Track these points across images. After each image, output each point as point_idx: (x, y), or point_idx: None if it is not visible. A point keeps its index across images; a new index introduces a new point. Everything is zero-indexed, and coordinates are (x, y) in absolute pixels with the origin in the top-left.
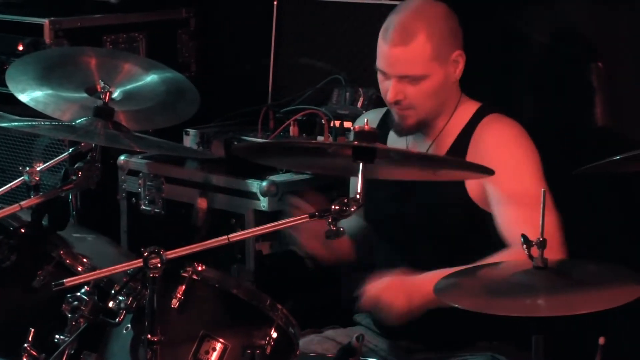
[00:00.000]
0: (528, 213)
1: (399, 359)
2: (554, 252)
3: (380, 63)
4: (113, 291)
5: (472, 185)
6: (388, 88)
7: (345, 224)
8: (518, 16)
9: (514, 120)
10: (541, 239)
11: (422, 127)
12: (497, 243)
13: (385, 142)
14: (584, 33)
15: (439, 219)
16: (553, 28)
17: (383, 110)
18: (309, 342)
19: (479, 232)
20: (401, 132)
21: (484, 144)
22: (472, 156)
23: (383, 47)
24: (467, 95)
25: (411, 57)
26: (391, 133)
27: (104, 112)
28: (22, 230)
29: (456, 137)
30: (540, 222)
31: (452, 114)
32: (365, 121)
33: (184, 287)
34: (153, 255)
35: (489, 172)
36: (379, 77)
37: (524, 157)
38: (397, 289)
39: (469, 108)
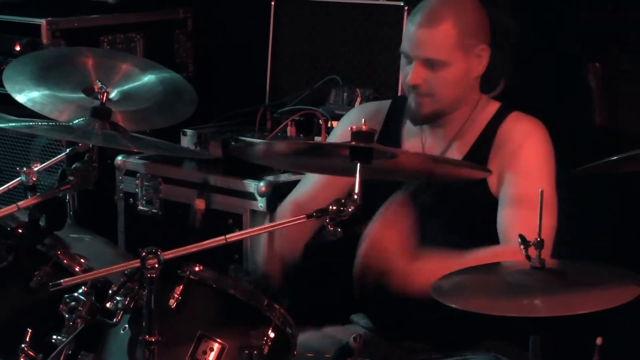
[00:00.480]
0: (534, 217)
1: (398, 359)
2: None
3: (405, 45)
4: (110, 291)
5: (492, 177)
6: (409, 72)
7: None
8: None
9: (538, 120)
10: (539, 239)
11: (437, 118)
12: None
13: (399, 134)
14: (583, 33)
15: (454, 210)
16: (552, 28)
17: (383, 102)
18: (308, 338)
19: (488, 231)
20: (416, 121)
21: (513, 139)
22: (497, 151)
23: (410, 28)
24: None
25: (436, 40)
26: (407, 125)
27: (102, 113)
28: (20, 231)
29: (479, 133)
30: (538, 222)
31: (473, 110)
32: (363, 121)
33: (181, 287)
34: (150, 256)
35: (487, 172)
36: (402, 61)
37: (546, 159)
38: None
39: (490, 106)
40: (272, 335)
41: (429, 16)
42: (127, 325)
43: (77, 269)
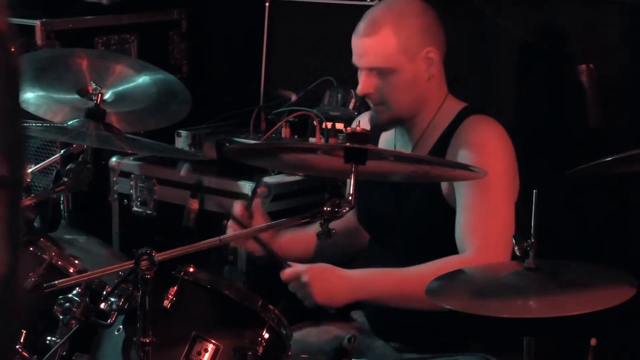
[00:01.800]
0: (486, 222)
1: (392, 358)
2: (499, 256)
3: (353, 57)
4: (105, 292)
5: (445, 185)
6: (360, 80)
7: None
8: (508, 17)
9: (496, 123)
10: (532, 240)
11: (398, 124)
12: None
13: (376, 142)
14: (575, 34)
15: (417, 220)
16: (544, 29)
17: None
18: (306, 334)
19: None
20: (379, 128)
21: (461, 146)
22: (449, 157)
23: (353, 39)
24: (456, 96)
25: (376, 49)
26: (382, 136)
27: (96, 114)
28: None
29: (438, 137)
30: (532, 223)
31: (436, 113)
32: (357, 122)
33: (175, 288)
34: (145, 257)
35: (481, 173)
36: (358, 73)
37: (498, 164)
38: (325, 276)
39: (453, 108)
40: (266, 335)
41: (368, 25)
42: (121, 326)
43: (71, 270)
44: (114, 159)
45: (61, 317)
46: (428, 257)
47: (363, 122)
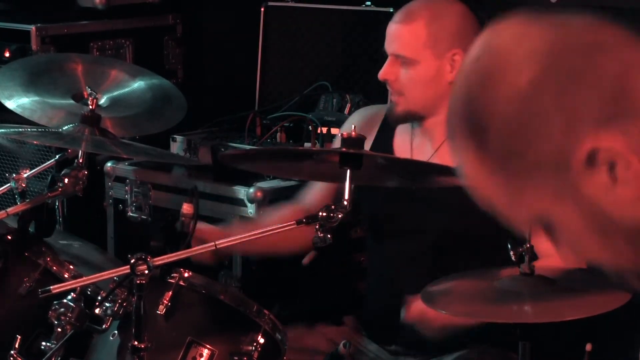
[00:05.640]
0: None
1: None
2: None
3: (385, 42)
4: (100, 298)
5: None
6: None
7: None
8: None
9: None
10: (528, 245)
11: (412, 119)
12: (498, 249)
13: (391, 140)
14: None
15: (442, 221)
16: None
17: (382, 106)
18: (299, 336)
19: (484, 237)
20: (392, 120)
21: None
22: None
23: (388, 25)
24: None
25: (405, 37)
26: (397, 133)
27: (91, 119)
28: (9, 237)
29: None
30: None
31: None
32: (353, 127)
33: (170, 293)
34: (140, 262)
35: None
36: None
37: None
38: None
39: None
40: (261, 340)
41: (404, 13)
42: (116, 332)
43: (66, 276)
44: (109, 164)
45: (56, 322)
46: (450, 262)
47: (358, 117)
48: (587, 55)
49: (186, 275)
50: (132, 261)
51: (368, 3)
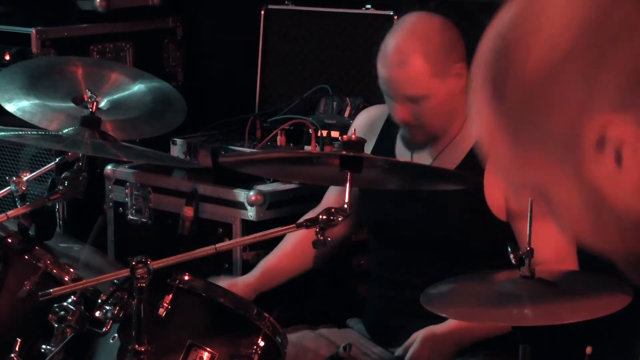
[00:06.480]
0: (547, 229)
1: None
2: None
3: (382, 85)
4: (100, 301)
5: (491, 192)
6: (393, 109)
7: None
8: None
9: None
10: (528, 248)
11: (434, 141)
12: (501, 252)
13: (393, 142)
14: None
15: (445, 225)
16: None
17: (385, 106)
18: (302, 338)
19: (487, 241)
20: (413, 148)
21: None
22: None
23: (382, 71)
24: None
25: (410, 79)
26: (399, 138)
27: (91, 122)
28: (9, 240)
29: (470, 149)
30: (529, 231)
31: (465, 121)
32: (353, 130)
33: (171, 296)
34: (140, 265)
35: (477, 182)
36: (385, 96)
37: None
38: (431, 345)
39: None
40: (261, 344)
41: (397, 56)
42: (116, 335)
43: (66, 279)
44: (109, 167)
45: (56, 325)
46: (451, 265)
47: (361, 119)
48: (621, 36)
49: (186, 278)
50: (132, 264)
51: (368, 6)
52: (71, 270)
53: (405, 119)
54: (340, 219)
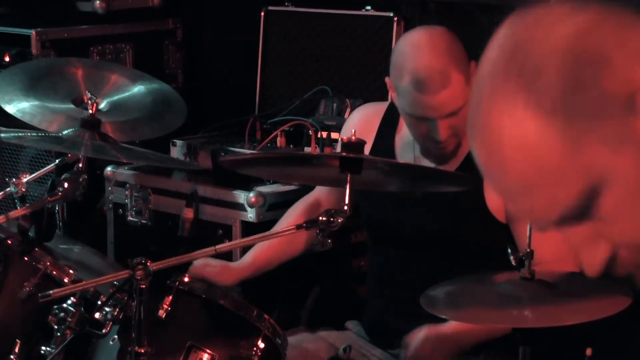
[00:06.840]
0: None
1: None
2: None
3: (416, 111)
4: (99, 302)
5: (491, 194)
6: (431, 128)
7: None
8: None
9: None
10: (528, 250)
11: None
12: (501, 253)
13: (392, 140)
14: None
15: (445, 226)
16: None
17: (380, 104)
18: (301, 340)
19: (487, 242)
20: (444, 160)
21: None
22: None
23: (421, 98)
24: None
25: (455, 96)
26: (401, 132)
27: (91, 123)
28: (9, 242)
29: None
30: (528, 233)
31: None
32: (353, 132)
33: (170, 297)
34: (140, 267)
35: (477, 184)
36: (410, 120)
37: None
38: (433, 344)
39: None
40: (261, 345)
41: (437, 78)
42: (116, 336)
43: (66, 280)
44: (109, 168)
45: (56, 327)
46: (451, 266)
47: (356, 117)
48: None
49: (186, 279)
50: (132, 265)
51: (368, 7)
52: (71, 271)
53: (450, 134)
54: (340, 220)
